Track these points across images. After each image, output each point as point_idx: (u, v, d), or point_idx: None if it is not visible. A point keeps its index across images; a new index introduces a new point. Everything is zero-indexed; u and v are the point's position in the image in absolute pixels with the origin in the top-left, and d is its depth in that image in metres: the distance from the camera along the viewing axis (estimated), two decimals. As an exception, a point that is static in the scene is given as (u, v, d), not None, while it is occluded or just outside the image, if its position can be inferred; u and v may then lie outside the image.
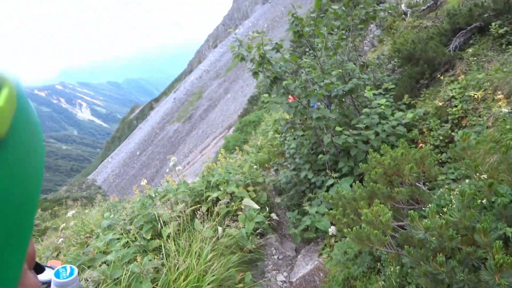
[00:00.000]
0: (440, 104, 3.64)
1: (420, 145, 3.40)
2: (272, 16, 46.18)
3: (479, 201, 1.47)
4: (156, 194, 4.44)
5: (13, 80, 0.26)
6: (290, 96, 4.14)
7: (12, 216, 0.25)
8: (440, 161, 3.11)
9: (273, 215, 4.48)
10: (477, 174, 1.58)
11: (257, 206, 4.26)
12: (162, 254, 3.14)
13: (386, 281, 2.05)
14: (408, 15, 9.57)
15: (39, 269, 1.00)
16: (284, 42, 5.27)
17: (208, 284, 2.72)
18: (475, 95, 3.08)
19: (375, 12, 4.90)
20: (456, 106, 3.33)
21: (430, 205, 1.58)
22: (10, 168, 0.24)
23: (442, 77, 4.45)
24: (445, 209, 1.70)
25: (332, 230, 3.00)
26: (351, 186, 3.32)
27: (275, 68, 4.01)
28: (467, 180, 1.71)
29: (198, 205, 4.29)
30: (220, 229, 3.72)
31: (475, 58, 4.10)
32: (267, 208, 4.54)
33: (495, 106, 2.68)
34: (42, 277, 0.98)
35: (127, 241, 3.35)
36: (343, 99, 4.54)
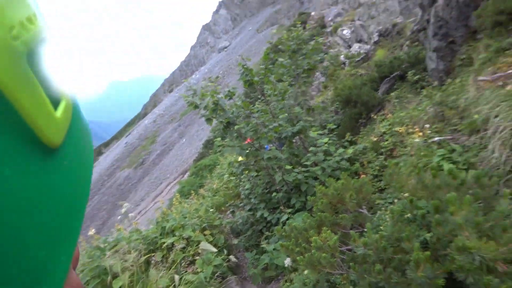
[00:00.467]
0: (375, 139, 4.16)
1: (362, 176, 3.76)
2: (228, 63, 48.62)
3: (405, 216, 1.71)
4: (106, 244, 4.12)
5: (70, 94, 0.29)
6: (248, 139, 4.36)
7: (64, 216, 0.27)
8: (380, 188, 3.47)
9: (232, 258, 4.40)
10: (402, 194, 1.84)
11: (214, 249, 4.16)
12: (112, 309, 2.86)
13: (342, 305, 2.14)
14: (347, 64, 10.98)
15: None
16: (238, 88, 5.66)
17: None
18: (400, 130, 3.62)
19: (316, 62, 5.56)
20: (387, 140, 3.86)
21: (367, 224, 1.78)
22: (65, 173, 0.27)
23: (375, 117, 5.10)
24: (381, 227, 1.92)
25: (287, 261, 3.06)
26: (304, 219, 3.47)
27: (227, 114, 4.26)
28: (395, 200, 1.97)
29: (153, 253, 4.07)
30: (176, 277, 3.54)
31: (398, 100, 4.83)
32: (225, 251, 4.45)
33: (412, 138, 3.18)
34: None
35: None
36: (293, 140, 4.89)
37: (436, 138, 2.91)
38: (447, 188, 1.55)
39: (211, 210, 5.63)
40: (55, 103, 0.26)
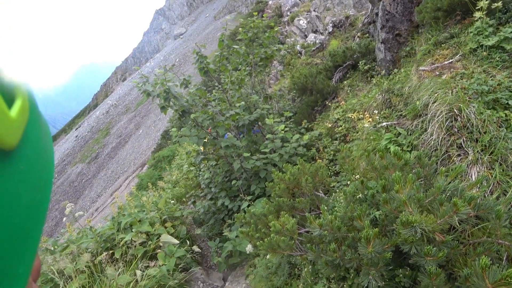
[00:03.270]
0: (330, 125, 4.35)
1: (318, 161, 3.93)
2: (184, 51, 46.80)
3: (357, 196, 1.83)
4: (56, 246, 3.84)
5: (26, 90, 0.26)
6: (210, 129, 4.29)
7: (21, 225, 0.24)
8: (336, 171, 3.67)
9: (195, 248, 4.37)
10: (354, 176, 1.96)
11: (176, 241, 4.10)
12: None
13: (304, 282, 2.25)
14: (303, 54, 11.23)
15: None
16: (196, 77, 5.51)
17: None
18: (352, 116, 3.83)
19: (273, 51, 5.59)
20: (340, 126, 4.06)
21: (321, 206, 1.87)
22: (21, 178, 0.24)
23: (330, 104, 5.32)
24: (336, 209, 2.03)
25: (249, 248, 3.12)
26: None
27: (181, 102, 4.13)
28: (349, 182, 2.10)
29: (110, 251, 3.89)
30: (138, 272, 3.43)
31: (350, 88, 5.09)
32: (188, 242, 4.41)
33: (362, 123, 3.40)
34: None
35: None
36: (251, 128, 4.92)
37: (384, 123, 3.14)
38: (393, 168, 1.69)
39: (172, 202, 5.52)
40: (9, 100, 0.24)
